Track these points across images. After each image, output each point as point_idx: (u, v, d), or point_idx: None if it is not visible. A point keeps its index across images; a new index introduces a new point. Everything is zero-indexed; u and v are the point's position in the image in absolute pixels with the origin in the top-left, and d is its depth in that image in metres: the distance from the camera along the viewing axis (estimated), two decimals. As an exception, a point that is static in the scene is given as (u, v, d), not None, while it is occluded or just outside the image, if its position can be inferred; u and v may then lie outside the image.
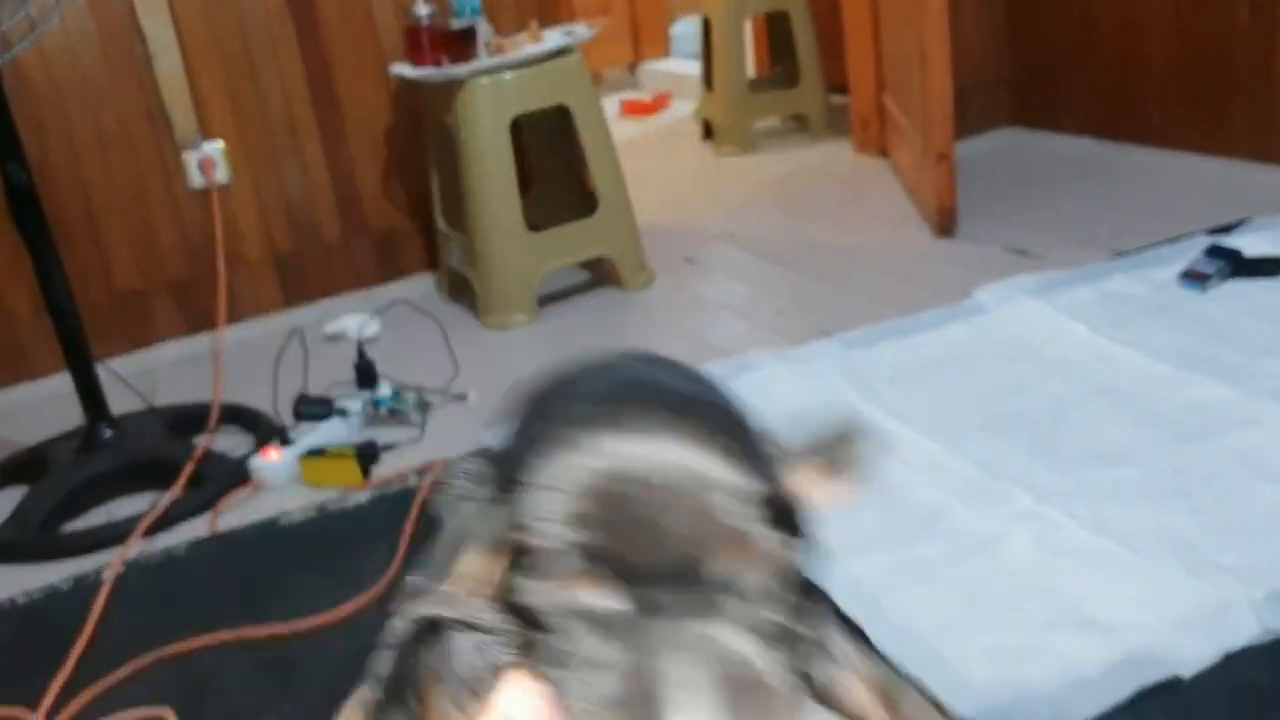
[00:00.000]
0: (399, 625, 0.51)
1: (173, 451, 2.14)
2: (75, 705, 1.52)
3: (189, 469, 2.06)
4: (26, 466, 2.21)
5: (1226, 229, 2.57)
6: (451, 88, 2.58)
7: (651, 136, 4.62)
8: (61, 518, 2.04)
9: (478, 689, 0.48)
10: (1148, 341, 2.14)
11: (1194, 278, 2.34)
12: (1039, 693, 1.32)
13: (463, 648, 0.49)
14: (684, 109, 4.87)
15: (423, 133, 2.88)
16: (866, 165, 3.68)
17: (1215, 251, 2.40)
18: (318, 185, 2.88)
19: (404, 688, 0.50)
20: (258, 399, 2.38)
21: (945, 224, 2.86)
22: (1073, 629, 1.42)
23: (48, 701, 1.53)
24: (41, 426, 2.38)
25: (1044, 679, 1.35)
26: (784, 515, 0.46)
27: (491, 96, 2.56)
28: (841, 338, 2.32)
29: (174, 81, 2.70)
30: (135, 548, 1.89)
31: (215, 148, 2.76)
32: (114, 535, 1.93)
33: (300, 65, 2.81)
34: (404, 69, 2.68)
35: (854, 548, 1.63)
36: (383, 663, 0.51)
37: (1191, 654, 1.35)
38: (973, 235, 2.85)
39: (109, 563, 1.84)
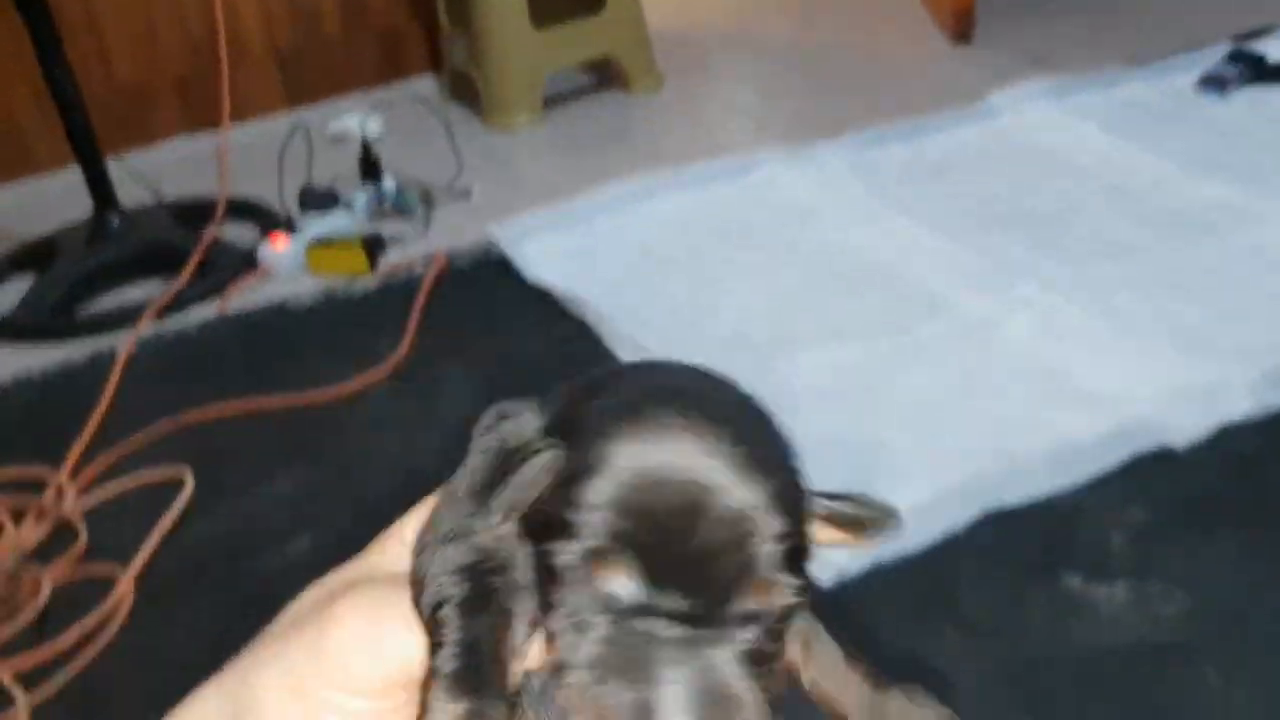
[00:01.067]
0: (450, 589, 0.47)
1: (181, 240, 2.15)
2: (96, 467, 1.57)
3: (197, 256, 2.07)
4: (36, 255, 2.22)
5: (1251, 35, 2.52)
6: (456, -125, 2.49)
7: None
8: (74, 302, 2.06)
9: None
10: (1159, 144, 2.12)
11: (1212, 83, 2.30)
12: (1032, 461, 1.36)
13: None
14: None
15: (427, -73, 2.80)
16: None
17: (1237, 56, 2.35)
18: (320, -21, 2.81)
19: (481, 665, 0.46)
20: (263, 194, 2.37)
21: (962, 29, 2.79)
22: (1068, 403, 1.45)
23: (69, 463, 1.57)
24: (49, 219, 2.38)
25: (1037, 449, 1.38)
26: (802, 557, 0.47)
27: (498, -116, 2.48)
28: (852, 137, 2.30)
29: None
30: (148, 328, 1.92)
31: (214, -61, 2.68)
32: (126, 317, 1.95)
33: None
34: None
35: (855, 331, 1.65)
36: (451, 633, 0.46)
37: (1185, 425, 1.38)
38: (990, 42, 2.79)
39: (123, 340, 1.87)
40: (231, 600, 1.33)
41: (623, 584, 0.44)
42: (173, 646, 1.29)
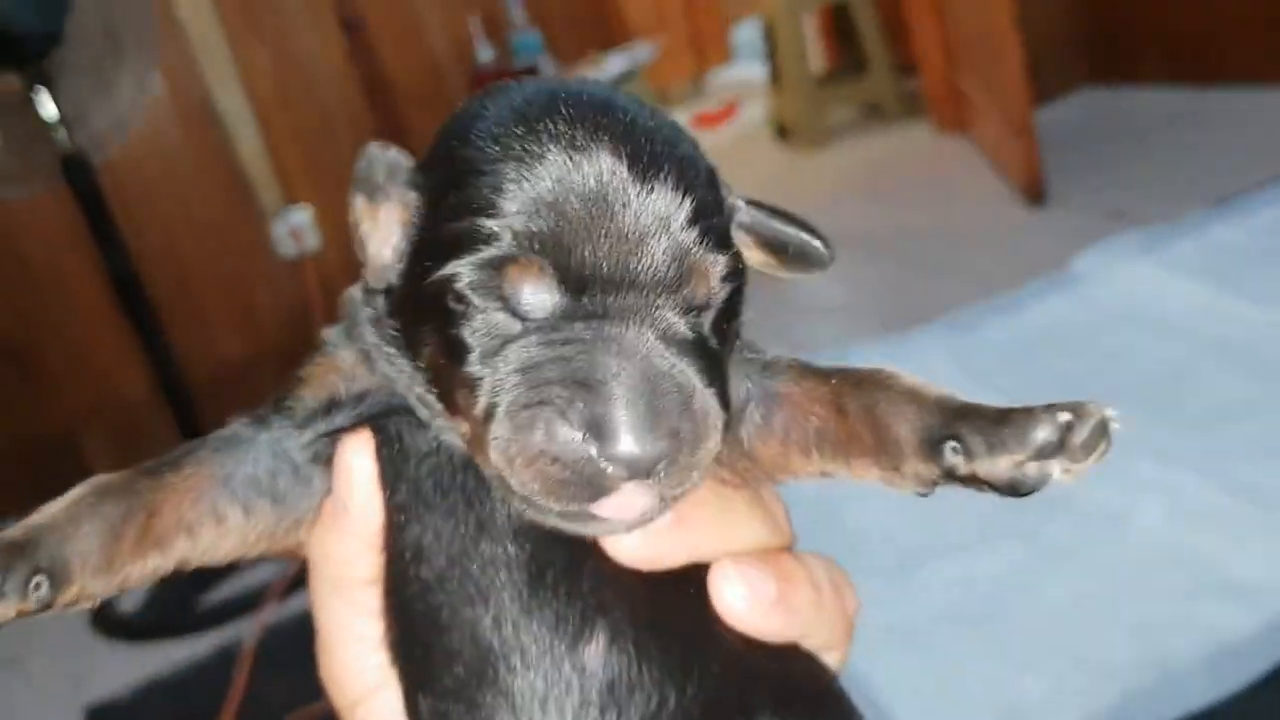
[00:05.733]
0: None
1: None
2: (234, 771, 1.57)
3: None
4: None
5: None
6: (521, 125, 2.60)
7: (724, 145, 4.60)
8: (195, 593, 2.10)
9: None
10: (1257, 289, 2.05)
11: (1302, 216, 2.25)
12: (1187, 666, 1.28)
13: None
14: (754, 112, 4.85)
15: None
16: (947, 145, 3.62)
17: (1321, 186, 2.31)
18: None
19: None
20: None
21: (1034, 194, 2.79)
22: (1215, 596, 1.37)
23: (208, 770, 1.58)
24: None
25: (1190, 651, 1.30)
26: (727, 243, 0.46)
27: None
28: (943, 321, 2.28)
29: (254, 155, 2.78)
30: (272, 612, 1.94)
31: (303, 216, 2.82)
32: (248, 602, 1.98)
33: (373, 126, 2.86)
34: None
35: (975, 542, 1.59)
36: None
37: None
38: (1065, 202, 2.78)
39: (248, 630, 1.89)
40: None
41: (537, 290, 0.40)
42: None
